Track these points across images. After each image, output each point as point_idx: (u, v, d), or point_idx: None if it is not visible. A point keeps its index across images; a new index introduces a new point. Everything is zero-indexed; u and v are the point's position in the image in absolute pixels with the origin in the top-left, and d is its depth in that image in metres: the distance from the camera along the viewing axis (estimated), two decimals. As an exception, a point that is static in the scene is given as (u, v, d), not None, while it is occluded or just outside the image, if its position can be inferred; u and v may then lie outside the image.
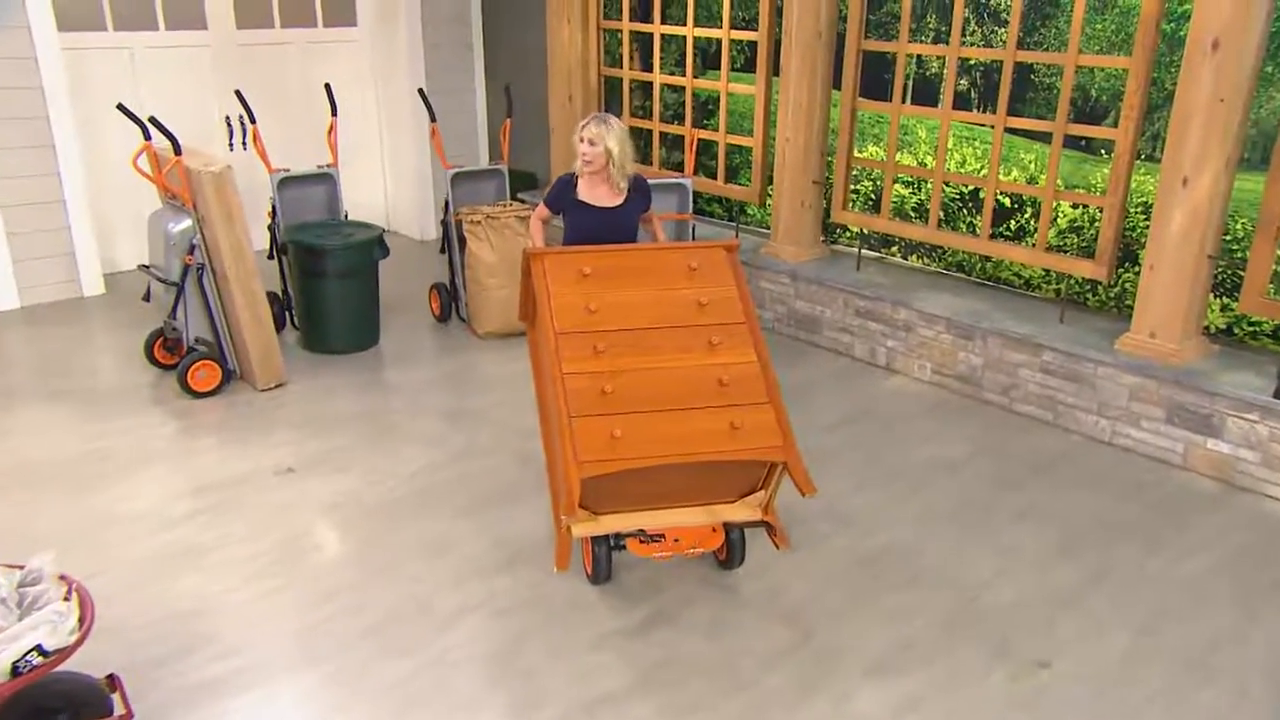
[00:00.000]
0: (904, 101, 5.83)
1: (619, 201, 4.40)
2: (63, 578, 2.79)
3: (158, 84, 7.22)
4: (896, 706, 3.22)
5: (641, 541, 3.60)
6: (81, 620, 2.67)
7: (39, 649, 2.49)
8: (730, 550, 3.82)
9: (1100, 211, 5.13)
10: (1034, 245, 5.41)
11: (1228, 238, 4.83)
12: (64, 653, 2.57)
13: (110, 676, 2.99)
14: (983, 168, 5.58)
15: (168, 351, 5.56)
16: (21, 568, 2.82)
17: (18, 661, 2.47)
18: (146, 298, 5.58)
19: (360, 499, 4.39)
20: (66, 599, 2.70)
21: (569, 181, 4.45)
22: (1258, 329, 4.94)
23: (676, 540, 3.62)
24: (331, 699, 3.22)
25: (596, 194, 4.39)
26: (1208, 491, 4.59)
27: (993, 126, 5.42)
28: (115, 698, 2.94)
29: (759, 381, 3.60)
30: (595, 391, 3.45)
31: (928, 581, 3.88)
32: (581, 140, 4.27)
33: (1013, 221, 5.58)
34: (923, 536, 4.18)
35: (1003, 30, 5.29)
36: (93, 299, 6.83)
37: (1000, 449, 4.97)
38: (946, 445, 4.99)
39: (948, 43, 5.50)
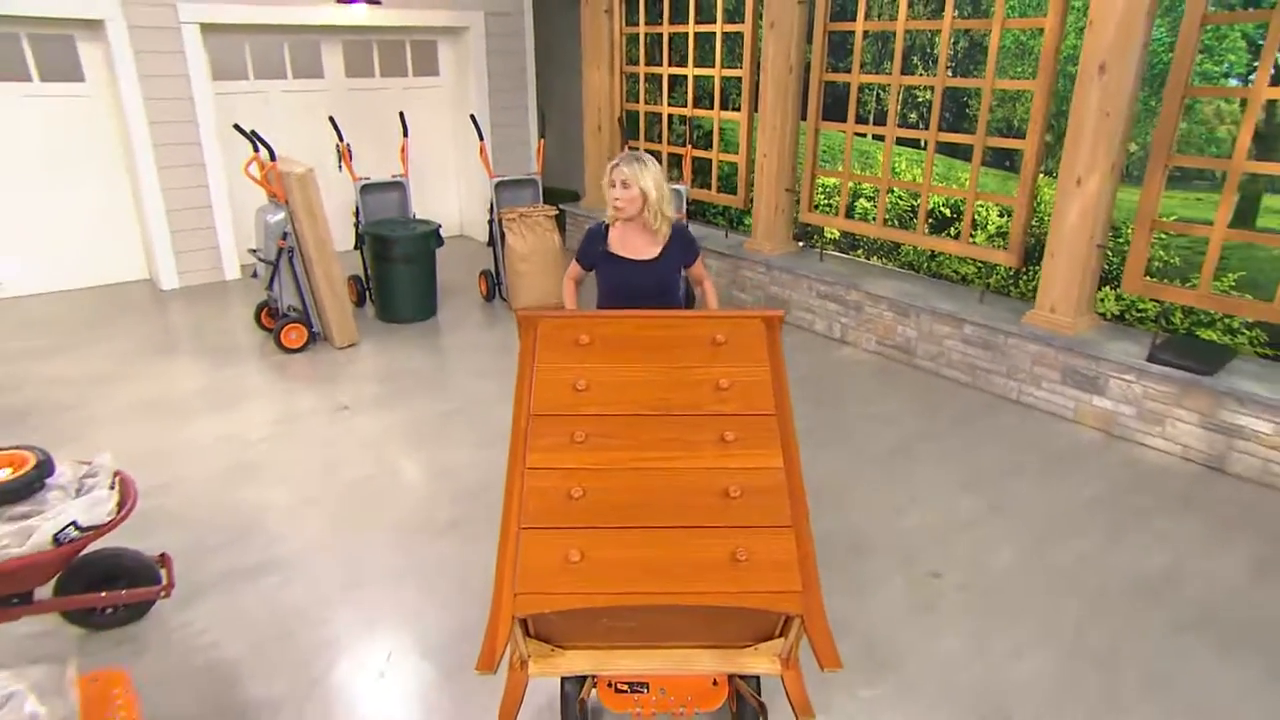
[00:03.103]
0: (861, 124, 5.53)
1: (656, 253, 3.05)
2: (116, 472, 2.70)
3: (287, 120, 7.22)
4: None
5: (617, 690, 2.22)
6: (121, 505, 2.58)
7: (74, 524, 2.39)
8: (742, 706, 2.32)
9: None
10: (960, 238, 5.07)
11: (1120, 239, 4.43)
12: (100, 529, 2.48)
13: (162, 555, 2.91)
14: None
15: (270, 318, 5.51)
16: (89, 464, 2.75)
17: (58, 533, 2.38)
18: (254, 275, 5.53)
19: (398, 432, 4.28)
20: (111, 488, 2.61)
21: (598, 232, 3.09)
22: (1144, 314, 4.52)
23: (663, 691, 2.23)
24: (341, 578, 3.11)
25: (630, 245, 3.05)
26: (1093, 440, 4.24)
27: (927, 142, 5.11)
28: (163, 572, 2.86)
29: (781, 496, 2.04)
30: (560, 495, 2.03)
31: (849, 509, 3.62)
32: (613, 184, 2.93)
33: (952, 229, 5.22)
34: (851, 475, 3.92)
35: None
36: (232, 282, 6.85)
37: (927, 406, 4.66)
38: (882, 403, 4.70)
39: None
